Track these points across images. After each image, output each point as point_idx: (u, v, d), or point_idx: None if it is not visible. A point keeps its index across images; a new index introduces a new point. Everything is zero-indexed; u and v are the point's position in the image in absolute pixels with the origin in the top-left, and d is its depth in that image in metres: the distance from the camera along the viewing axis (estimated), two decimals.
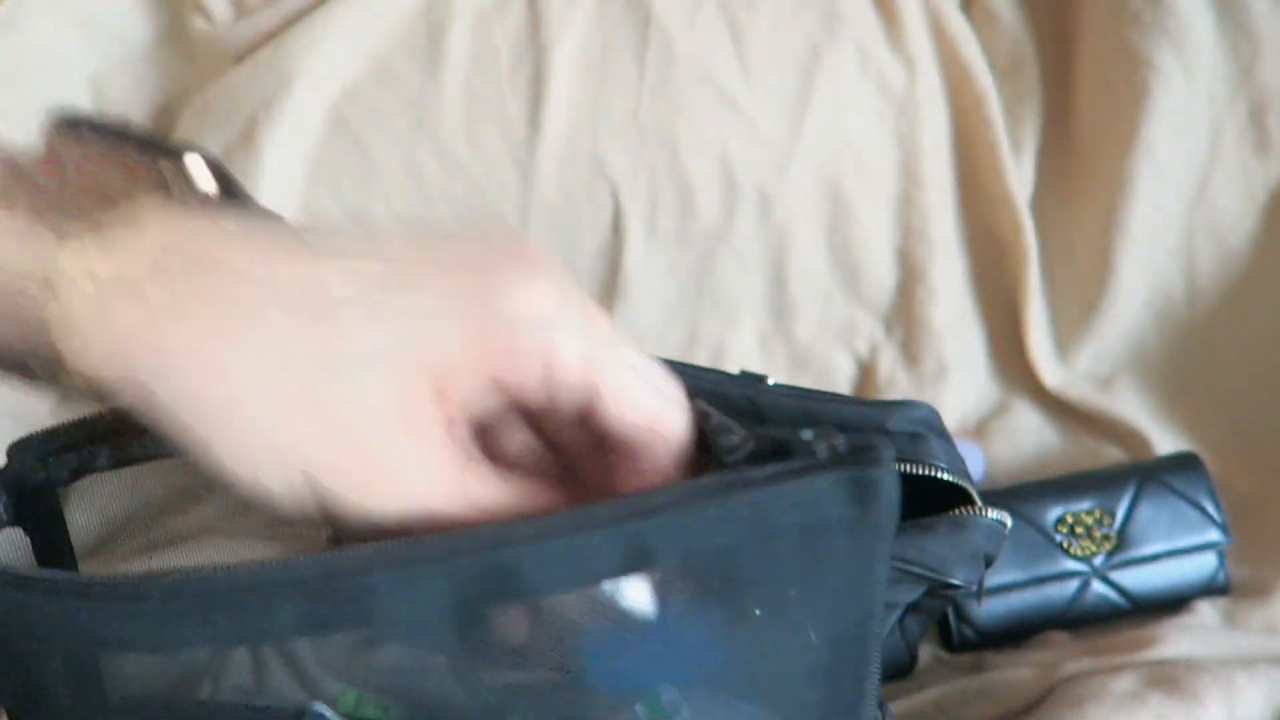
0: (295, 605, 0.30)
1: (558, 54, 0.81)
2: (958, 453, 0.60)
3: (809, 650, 0.34)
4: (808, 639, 0.34)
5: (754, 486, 0.31)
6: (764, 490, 0.31)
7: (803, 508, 0.31)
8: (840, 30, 0.83)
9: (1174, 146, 0.81)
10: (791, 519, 0.32)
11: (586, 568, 0.31)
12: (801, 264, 0.84)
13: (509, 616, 0.32)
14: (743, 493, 0.31)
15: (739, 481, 0.31)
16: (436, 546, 0.30)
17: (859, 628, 0.34)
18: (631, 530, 0.30)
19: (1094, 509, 0.68)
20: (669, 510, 0.31)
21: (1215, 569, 0.68)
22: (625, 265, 0.83)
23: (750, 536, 0.31)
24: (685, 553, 0.31)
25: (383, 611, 0.30)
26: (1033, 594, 0.67)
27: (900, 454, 0.58)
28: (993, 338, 0.86)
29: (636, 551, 0.30)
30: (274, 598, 0.29)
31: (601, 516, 0.30)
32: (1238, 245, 0.82)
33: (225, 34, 0.82)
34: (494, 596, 0.30)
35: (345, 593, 0.30)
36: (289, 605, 0.29)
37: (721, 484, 0.31)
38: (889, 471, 0.32)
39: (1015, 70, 0.86)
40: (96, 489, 0.80)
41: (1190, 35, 0.79)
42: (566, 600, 0.32)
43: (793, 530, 0.32)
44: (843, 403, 0.61)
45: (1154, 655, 0.60)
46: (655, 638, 0.34)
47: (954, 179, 0.86)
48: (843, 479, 0.31)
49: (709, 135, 0.82)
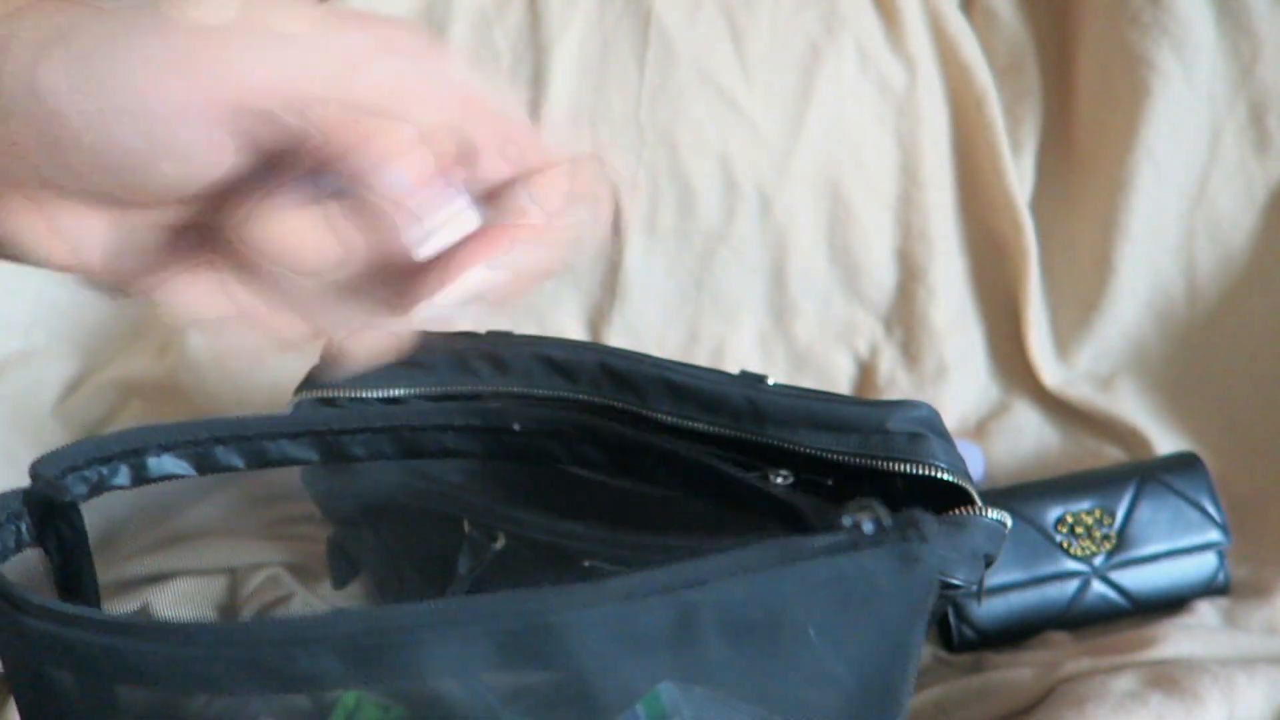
0: (341, 660, 0.30)
1: (558, 54, 0.81)
2: (958, 453, 0.60)
3: (841, 693, 0.35)
4: (841, 684, 0.34)
5: (804, 558, 0.32)
6: (814, 563, 0.32)
7: (849, 580, 0.32)
8: (840, 30, 0.83)
9: (1174, 146, 0.81)
10: (837, 590, 0.32)
11: (633, 634, 0.31)
12: (801, 264, 0.84)
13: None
14: (793, 565, 0.31)
15: (790, 553, 0.32)
16: (483, 609, 0.30)
17: (892, 677, 0.35)
18: (682, 600, 0.31)
19: (1094, 509, 0.68)
20: (720, 580, 0.31)
21: (1215, 569, 0.68)
22: (625, 265, 0.83)
23: (795, 603, 0.32)
24: (730, 616, 0.32)
25: (427, 670, 0.30)
26: (1033, 594, 0.66)
27: (900, 454, 0.58)
28: (993, 338, 0.86)
29: (684, 618, 0.31)
30: (320, 653, 0.30)
31: (653, 584, 0.31)
32: (1238, 245, 0.82)
33: None
34: (538, 660, 0.31)
35: (391, 651, 0.30)
36: (335, 660, 0.30)
37: (773, 554, 0.32)
38: (934, 546, 0.33)
39: (1015, 70, 0.86)
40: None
41: (1190, 35, 0.79)
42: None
43: (837, 597, 0.33)
44: (843, 403, 0.61)
45: (1154, 655, 0.60)
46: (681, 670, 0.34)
47: (954, 179, 0.86)
48: (891, 554, 0.32)
49: (709, 135, 0.82)
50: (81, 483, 0.39)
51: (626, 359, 0.56)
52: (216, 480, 0.80)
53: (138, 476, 0.40)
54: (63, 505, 0.38)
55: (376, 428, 0.44)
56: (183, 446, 0.41)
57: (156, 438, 0.40)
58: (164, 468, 0.41)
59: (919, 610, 0.34)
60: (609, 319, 0.85)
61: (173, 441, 0.41)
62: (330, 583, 0.67)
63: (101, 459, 0.39)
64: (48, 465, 0.38)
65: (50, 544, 0.38)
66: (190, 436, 0.41)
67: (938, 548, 0.33)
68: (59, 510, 0.38)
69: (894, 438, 0.58)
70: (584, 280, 0.85)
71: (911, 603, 0.34)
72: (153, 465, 0.41)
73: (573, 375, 0.56)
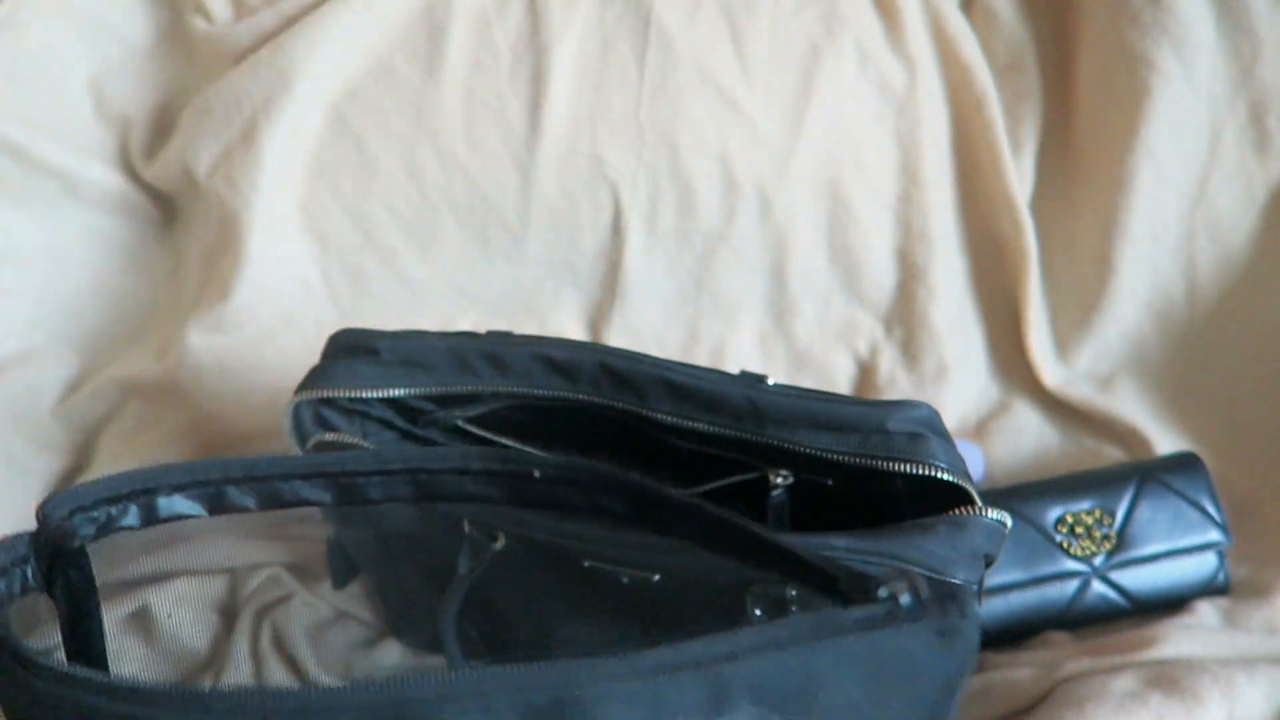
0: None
1: (558, 54, 0.81)
2: (958, 453, 0.60)
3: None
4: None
5: (839, 634, 0.31)
6: (849, 638, 0.31)
7: (885, 655, 0.31)
8: (840, 30, 0.83)
9: (1174, 146, 0.81)
10: (871, 666, 0.31)
11: (663, 708, 0.30)
12: (801, 264, 0.84)
13: None
14: (829, 640, 0.31)
15: (824, 628, 0.31)
16: (511, 679, 0.29)
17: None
18: (714, 674, 0.30)
19: (1094, 509, 0.68)
20: (752, 655, 0.30)
21: (1215, 569, 0.68)
22: (625, 265, 0.83)
23: (829, 679, 0.31)
24: (762, 692, 0.31)
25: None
26: (1033, 594, 0.67)
27: (900, 454, 0.58)
28: (993, 338, 0.86)
29: (716, 694, 0.30)
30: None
31: (684, 659, 0.30)
32: (1238, 245, 0.82)
33: (225, 34, 0.82)
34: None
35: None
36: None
37: (806, 629, 0.31)
38: (973, 619, 0.32)
39: (1015, 70, 0.86)
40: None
41: (1190, 35, 0.79)
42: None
43: (871, 673, 0.31)
44: (843, 403, 0.61)
45: (1154, 655, 0.60)
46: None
47: (954, 179, 0.86)
48: (929, 628, 0.32)
49: (709, 135, 0.82)
50: (89, 523, 0.38)
51: (626, 359, 0.56)
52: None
53: (147, 517, 0.40)
54: (71, 551, 0.37)
55: (393, 470, 0.44)
56: (194, 487, 0.41)
57: (168, 478, 0.40)
58: (174, 508, 0.41)
59: (956, 685, 0.33)
60: (609, 319, 0.85)
61: (184, 482, 0.40)
62: (330, 583, 0.67)
63: (110, 499, 0.39)
64: (55, 507, 0.37)
65: (57, 590, 0.37)
66: (202, 477, 0.41)
67: (976, 619, 0.32)
68: (67, 556, 0.37)
69: (894, 438, 0.58)
70: (584, 280, 0.85)
71: (948, 678, 0.32)
72: (163, 505, 0.40)
73: (573, 375, 0.56)
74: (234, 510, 0.42)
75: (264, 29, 0.82)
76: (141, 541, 0.59)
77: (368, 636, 0.66)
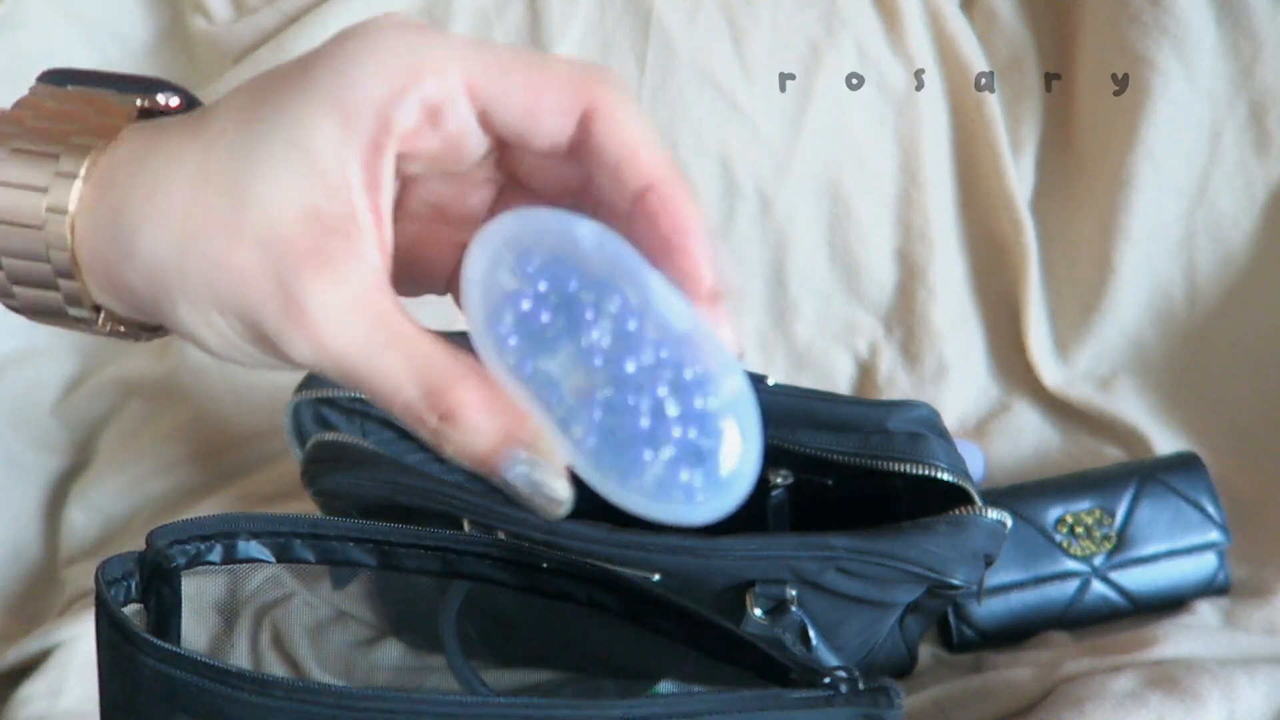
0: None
1: (557, 54, 0.81)
2: (958, 453, 0.60)
3: None
4: None
5: (785, 707, 0.37)
6: (793, 712, 0.37)
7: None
8: (840, 30, 0.83)
9: (1174, 146, 0.81)
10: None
11: None
12: (801, 264, 0.84)
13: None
14: (774, 711, 0.37)
15: (771, 700, 0.37)
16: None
17: None
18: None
19: (1094, 509, 0.68)
20: (708, 716, 0.36)
21: (1215, 569, 0.68)
22: None
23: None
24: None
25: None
26: (1033, 594, 0.67)
27: (900, 454, 0.58)
28: (993, 338, 0.86)
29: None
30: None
31: (650, 714, 0.35)
32: (1238, 245, 0.82)
33: (225, 34, 0.82)
34: None
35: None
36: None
37: (755, 701, 0.37)
38: (898, 712, 0.38)
39: (1015, 70, 0.86)
40: (95, 488, 0.80)
41: (1190, 35, 0.79)
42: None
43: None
44: (843, 403, 0.61)
45: (1154, 655, 0.60)
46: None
47: (954, 179, 0.86)
48: (857, 714, 0.37)
49: (709, 135, 0.82)
50: (183, 555, 0.43)
51: None
52: (213, 480, 0.80)
53: (228, 556, 0.45)
54: (168, 570, 0.42)
55: (428, 546, 0.48)
56: (267, 535, 0.46)
57: (248, 525, 0.45)
58: (249, 552, 0.45)
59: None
60: None
61: (260, 530, 0.45)
62: (330, 583, 0.67)
63: (202, 537, 0.44)
64: (160, 535, 0.42)
65: (151, 602, 0.41)
66: (276, 528, 0.46)
67: (902, 712, 0.38)
68: (164, 574, 0.41)
69: (894, 438, 0.58)
70: None
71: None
72: (241, 548, 0.45)
73: None
74: (295, 561, 0.47)
75: (264, 28, 0.82)
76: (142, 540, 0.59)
77: (368, 636, 0.66)
